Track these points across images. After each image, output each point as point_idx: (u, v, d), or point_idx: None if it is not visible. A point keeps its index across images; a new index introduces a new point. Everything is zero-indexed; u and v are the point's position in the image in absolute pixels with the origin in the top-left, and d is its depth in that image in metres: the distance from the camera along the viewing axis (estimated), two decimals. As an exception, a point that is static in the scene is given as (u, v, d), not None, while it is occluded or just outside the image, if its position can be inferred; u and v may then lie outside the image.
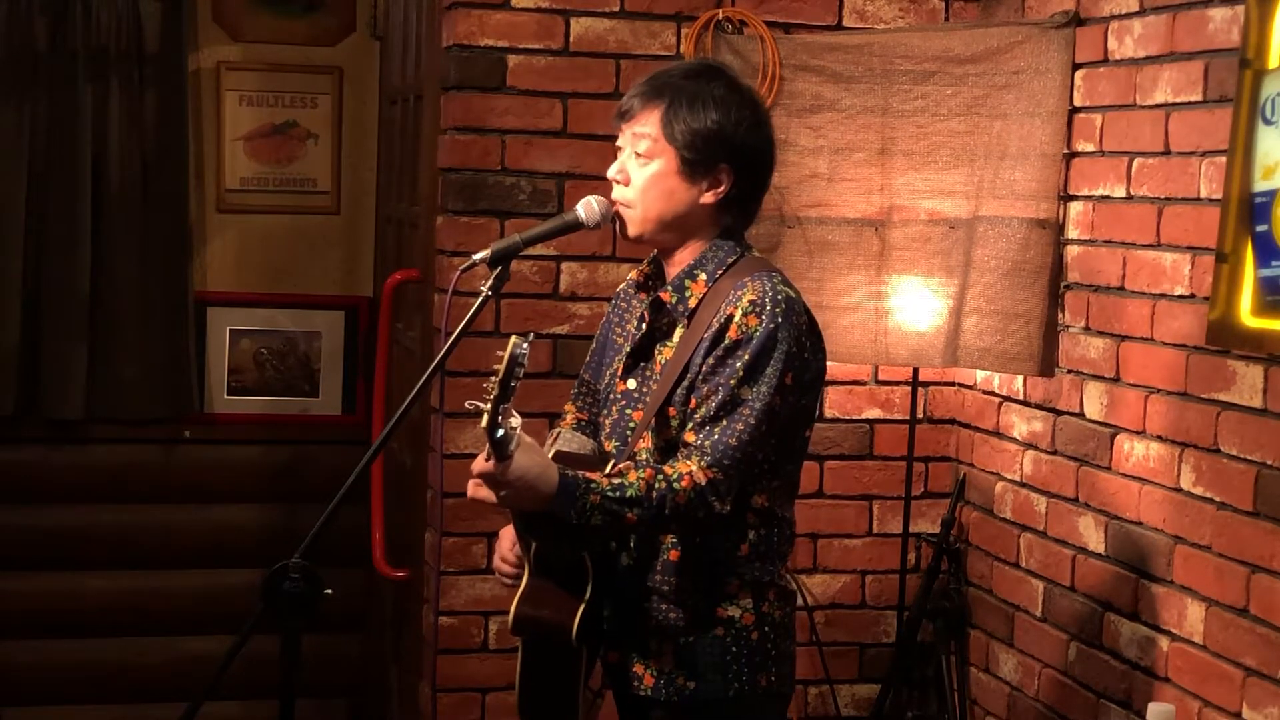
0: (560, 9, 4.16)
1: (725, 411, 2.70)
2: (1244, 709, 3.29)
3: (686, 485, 2.66)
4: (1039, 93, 3.98)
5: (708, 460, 2.69)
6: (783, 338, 2.72)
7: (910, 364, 4.25)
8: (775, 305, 2.73)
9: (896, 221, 4.21)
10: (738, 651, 2.80)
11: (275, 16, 5.31)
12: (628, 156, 2.82)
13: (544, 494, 2.61)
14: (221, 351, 5.35)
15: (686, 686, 2.80)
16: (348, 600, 3.81)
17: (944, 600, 4.31)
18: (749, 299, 2.73)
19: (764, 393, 2.71)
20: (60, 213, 5.09)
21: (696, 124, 2.76)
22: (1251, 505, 3.28)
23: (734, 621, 2.80)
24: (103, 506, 5.26)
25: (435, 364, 2.78)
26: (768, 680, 2.83)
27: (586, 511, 2.63)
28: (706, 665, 2.79)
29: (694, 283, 2.81)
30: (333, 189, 5.37)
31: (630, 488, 2.64)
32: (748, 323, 2.72)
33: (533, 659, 2.85)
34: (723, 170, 2.78)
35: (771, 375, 2.71)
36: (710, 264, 2.81)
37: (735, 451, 2.70)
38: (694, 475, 2.67)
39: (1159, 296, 3.60)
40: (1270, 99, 3.12)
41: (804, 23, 4.29)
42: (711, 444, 2.69)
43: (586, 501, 2.63)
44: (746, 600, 2.80)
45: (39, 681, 5.19)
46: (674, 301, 2.81)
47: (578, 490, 2.63)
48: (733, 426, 2.70)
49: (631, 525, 2.67)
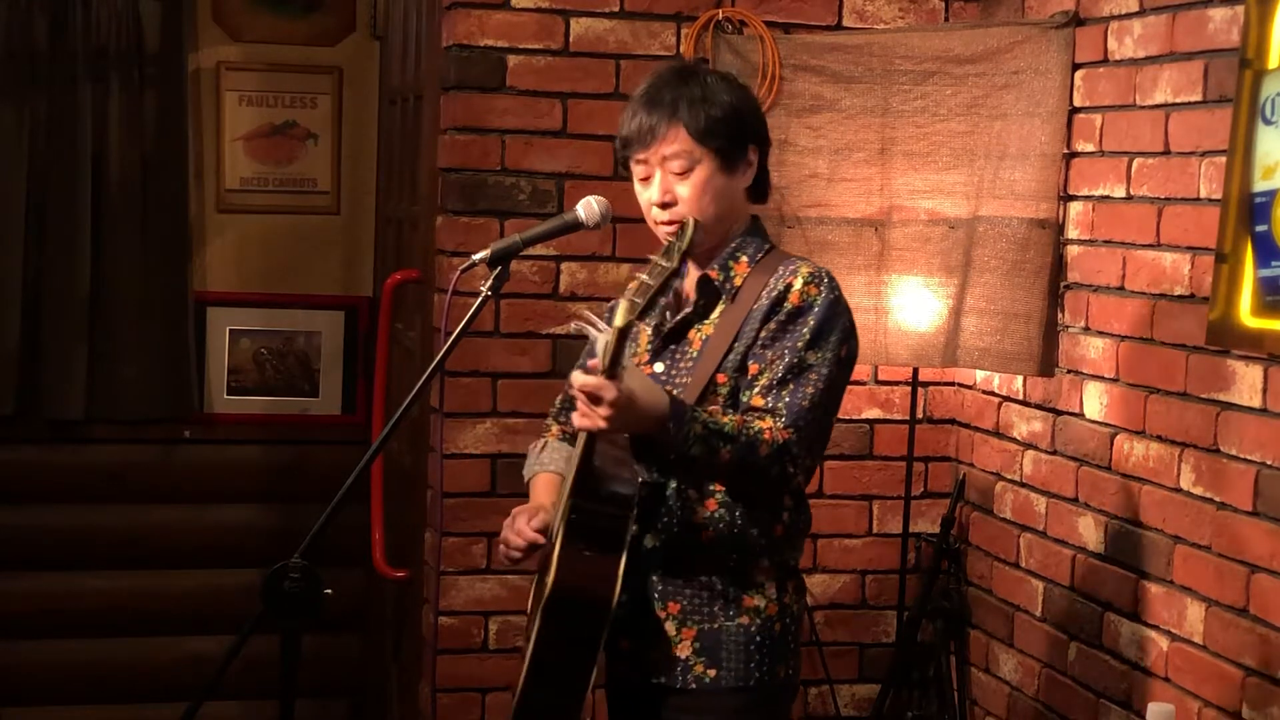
0: (560, 9, 4.16)
1: (793, 375, 2.72)
2: (1244, 709, 3.29)
3: (769, 439, 2.66)
4: (1039, 93, 3.98)
5: (783, 420, 2.69)
6: (842, 309, 2.79)
7: (910, 364, 4.25)
8: (833, 280, 2.80)
9: (896, 221, 4.21)
10: (761, 641, 2.80)
11: (275, 16, 5.31)
12: (662, 179, 2.80)
13: (656, 413, 2.59)
14: (221, 351, 5.35)
15: (707, 674, 2.78)
16: (348, 600, 3.81)
17: (944, 600, 4.31)
18: (807, 270, 2.79)
19: (829, 359, 2.74)
20: (60, 213, 5.09)
21: (721, 124, 2.79)
22: (1251, 505, 3.28)
23: (760, 611, 2.80)
24: (103, 506, 5.25)
25: (435, 364, 2.79)
26: (785, 672, 2.84)
27: (689, 440, 2.61)
28: (729, 653, 2.79)
29: (736, 264, 2.85)
30: (333, 189, 5.37)
31: (728, 426, 2.64)
32: (809, 291, 2.76)
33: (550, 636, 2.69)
34: (751, 150, 2.85)
35: (835, 344, 2.75)
36: (749, 248, 2.87)
37: (809, 414, 2.70)
38: (774, 431, 2.67)
39: (1159, 296, 3.60)
40: (1270, 99, 3.12)
41: (804, 23, 4.29)
42: (785, 405, 2.70)
43: (691, 429, 2.61)
44: (771, 590, 2.81)
45: (39, 681, 5.18)
46: (721, 279, 2.84)
47: (686, 415, 2.62)
48: (803, 389, 2.71)
49: (724, 464, 2.65)
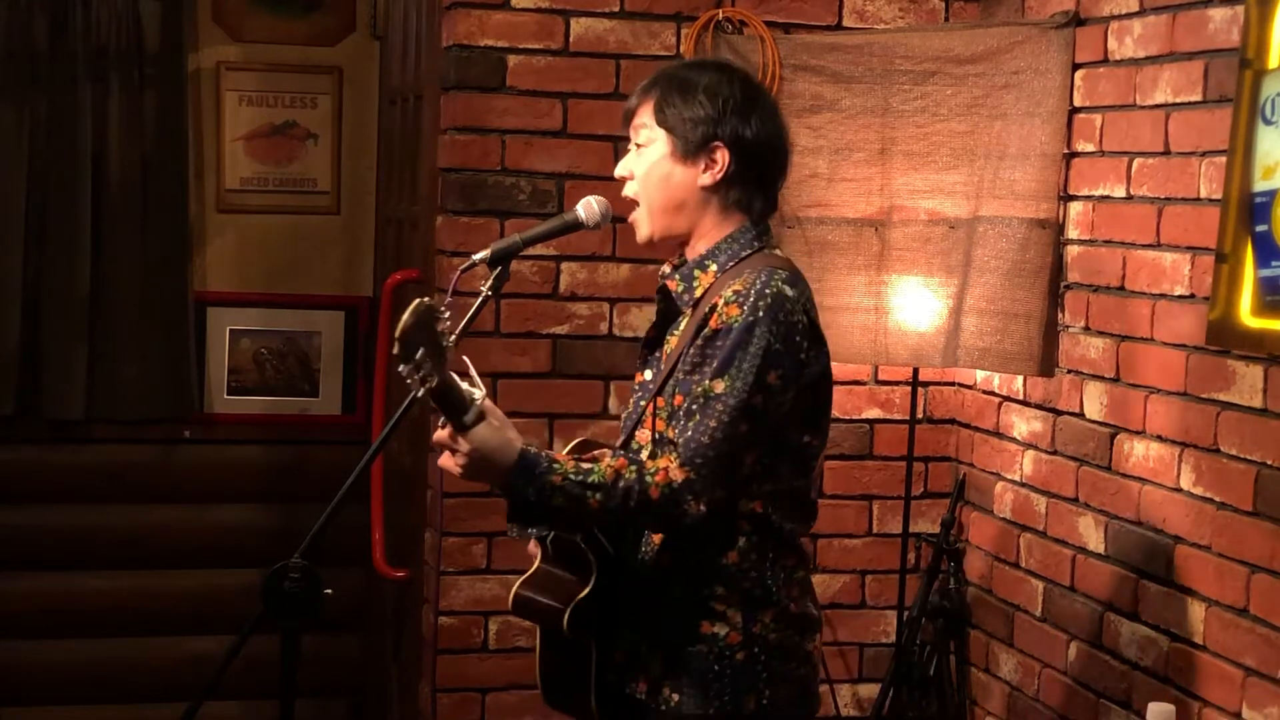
0: (560, 9, 4.16)
1: (698, 407, 2.60)
2: (1244, 709, 3.29)
3: (660, 480, 2.56)
4: (1039, 93, 3.98)
5: (682, 458, 2.58)
6: (761, 333, 2.60)
7: (910, 364, 4.25)
8: (760, 298, 2.61)
9: (896, 221, 4.21)
10: (720, 670, 2.68)
11: (275, 16, 5.31)
12: (631, 152, 2.81)
13: (502, 466, 2.55)
14: (221, 351, 5.35)
15: (671, 698, 2.71)
16: (348, 600, 3.81)
17: (944, 600, 4.31)
18: (734, 288, 2.63)
19: (739, 388, 2.59)
20: (60, 213, 5.08)
21: (686, 107, 2.73)
22: (1251, 505, 3.28)
23: (717, 639, 2.68)
24: (103, 506, 5.24)
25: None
26: (758, 703, 2.69)
27: (546, 491, 2.56)
28: (689, 680, 2.70)
29: (703, 273, 2.74)
30: (333, 189, 5.37)
31: (595, 473, 2.56)
32: (728, 312, 2.62)
33: (546, 644, 2.81)
34: (716, 149, 2.73)
35: (748, 371, 2.60)
36: (723, 255, 2.75)
37: (708, 449, 2.58)
38: (670, 472, 2.57)
39: (1159, 296, 3.60)
40: (1270, 99, 3.12)
41: (804, 23, 4.29)
42: (684, 441, 2.59)
43: (547, 481, 2.55)
44: (736, 617, 2.68)
45: (39, 681, 5.18)
46: (680, 290, 2.76)
47: (538, 468, 2.55)
48: (705, 423, 2.59)
49: (594, 512, 2.57)
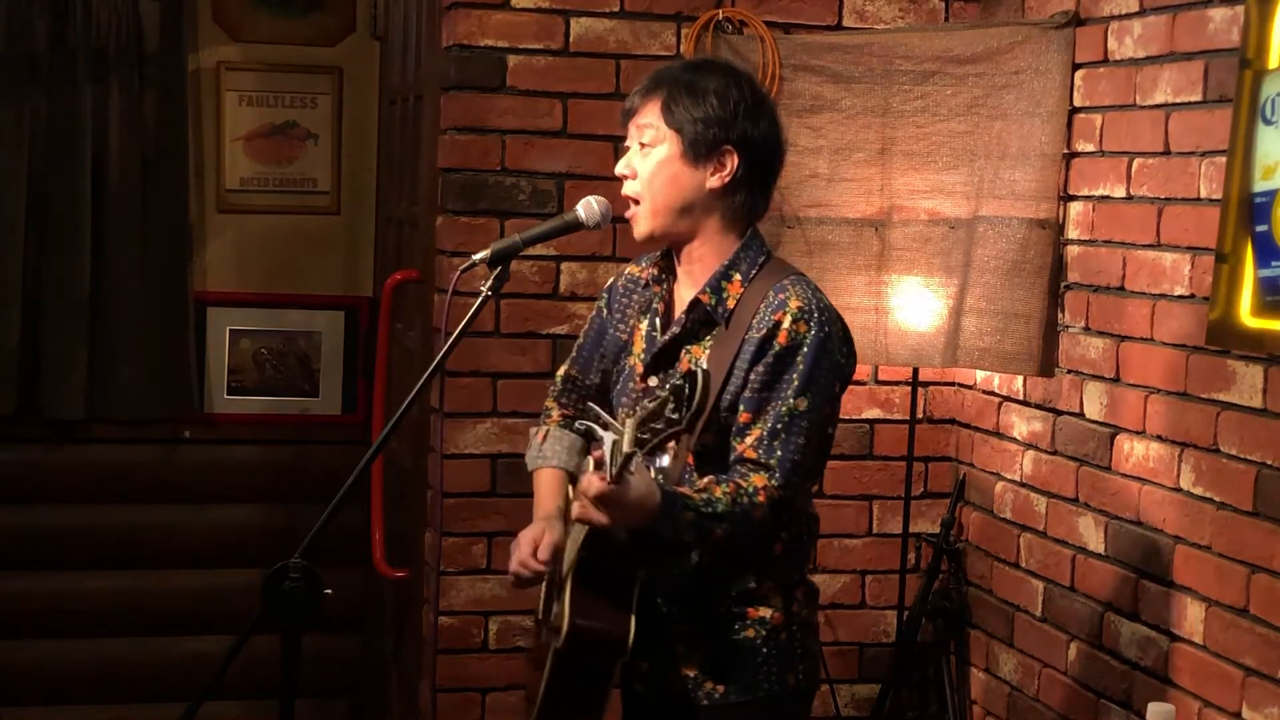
0: (560, 9, 4.16)
1: (784, 426, 2.69)
2: (1244, 709, 3.29)
3: (763, 500, 2.66)
4: (1039, 93, 3.98)
5: (779, 479, 2.67)
6: (831, 348, 2.73)
7: (910, 364, 4.25)
8: (822, 313, 2.73)
9: (896, 221, 4.21)
10: (768, 653, 2.78)
11: (275, 16, 5.31)
12: (633, 151, 2.81)
13: (650, 512, 2.59)
14: (221, 351, 5.35)
15: (716, 690, 2.77)
16: (348, 600, 3.81)
17: (944, 600, 4.31)
18: (796, 304, 2.72)
19: (819, 404, 2.71)
20: (60, 213, 5.08)
21: (696, 108, 2.75)
22: (1251, 505, 3.28)
23: (765, 622, 2.78)
24: (103, 506, 5.25)
25: (435, 364, 2.78)
26: (795, 679, 2.82)
27: (680, 528, 2.62)
28: (736, 668, 2.77)
29: (730, 283, 2.78)
30: (333, 189, 5.37)
31: (720, 503, 2.64)
32: (798, 330, 2.70)
33: (563, 674, 2.74)
34: (726, 152, 2.76)
35: (826, 386, 2.73)
36: (743, 264, 2.79)
37: (801, 467, 2.71)
38: (769, 491, 2.67)
39: (1159, 296, 3.60)
40: (1270, 99, 3.12)
41: (804, 23, 4.29)
42: (778, 461, 2.68)
43: (682, 520, 2.62)
44: (778, 600, 2.79)
45: (39, 681, 5.18)
46: (713, 303, 2.78)
47: (676, 508, 2.61)
48: (795, 441, 2.69)
49: (719, 539, 2.66)
